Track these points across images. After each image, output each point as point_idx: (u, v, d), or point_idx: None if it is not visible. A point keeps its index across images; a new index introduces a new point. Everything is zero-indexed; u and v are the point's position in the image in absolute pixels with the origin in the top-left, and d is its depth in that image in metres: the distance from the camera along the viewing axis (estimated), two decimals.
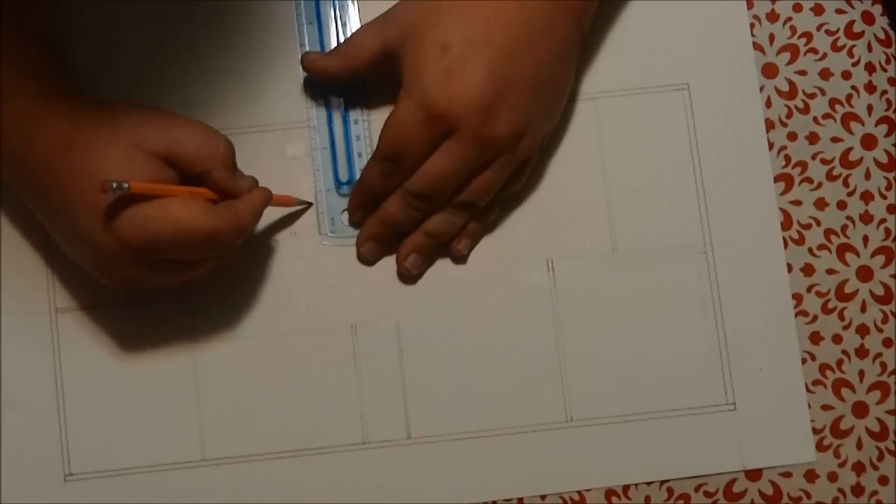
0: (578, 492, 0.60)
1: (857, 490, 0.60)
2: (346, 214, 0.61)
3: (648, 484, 0.60)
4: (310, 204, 0.60)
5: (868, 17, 0.63)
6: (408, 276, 0.60)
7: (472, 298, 0.61)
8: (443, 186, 0.56)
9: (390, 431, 0.60)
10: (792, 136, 0.62)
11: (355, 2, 0.62)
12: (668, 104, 0.62)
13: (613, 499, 0.60)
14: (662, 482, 0.60)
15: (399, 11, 0.57)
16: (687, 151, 0.61)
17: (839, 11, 0.63)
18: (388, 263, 0.61)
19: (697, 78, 0.62)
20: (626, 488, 0.60)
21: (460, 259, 0.60)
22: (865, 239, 0.62)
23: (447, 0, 0.55)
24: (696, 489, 0.60)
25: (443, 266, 0.61)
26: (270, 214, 0.60)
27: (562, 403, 0.60)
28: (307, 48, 0.61)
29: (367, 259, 0.60)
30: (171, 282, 0.55)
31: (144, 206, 0.52)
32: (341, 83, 0.61)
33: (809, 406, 0.60)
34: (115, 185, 0.50)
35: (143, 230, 0.52)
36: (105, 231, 0.52)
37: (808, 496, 0.60)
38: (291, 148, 0.61)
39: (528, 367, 0.60)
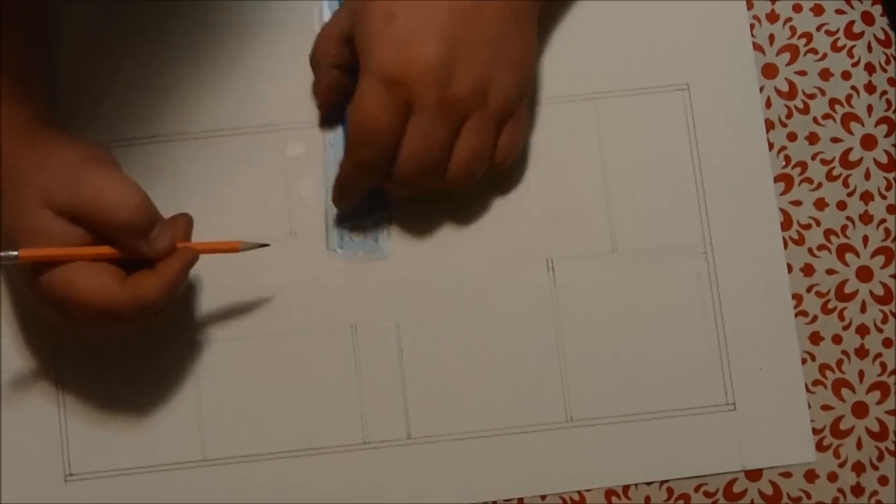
0: (578, 492, 0.60)
1: (857, 490, 0.60)
2: (355, 230, 0.61)
3: (648, 484, 0.60)
4: (266, 245, 0.58)
5: (868, 18, 0.63)
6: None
7: (472, 298, 0.60)
8: (424, 165, 0.55)
9: (390, 431, 0.60)
10: (792, 137, 0.62)
11: None
12: (668, 104, 0.62)
13: (613, 499, 0.60)
14: (662, 482, 0.60)
15: (347, 1, 0.57)
16: (687, 151, 0.61)
17: (839, 12, 0.63)
18: (389, 264, 0.61)
19: (697, 78, 0.62)
20: (626, 488, 0.60)
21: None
22: (865, 239, 0.62)
23: None
24: (696, 489, 0.60)
25: (443, 266, 0.61)
26: (272, 206, 0.60)
27: (562, 403, 0.60)
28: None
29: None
30: (106, 333, 0.56)
31: (51, 273, 0.52)
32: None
33: (809, 406, 0.60)
34: (3, 255, 0.50)
35: (49, 294, 0.52)
36: (25, 284, 0.53)
37: (808, 496, 0.60)
38: (292, 148, 0.61)
39: (528, 368, 0.60)
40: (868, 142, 0.62)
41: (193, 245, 0.56)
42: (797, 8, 0.63)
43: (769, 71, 0.62)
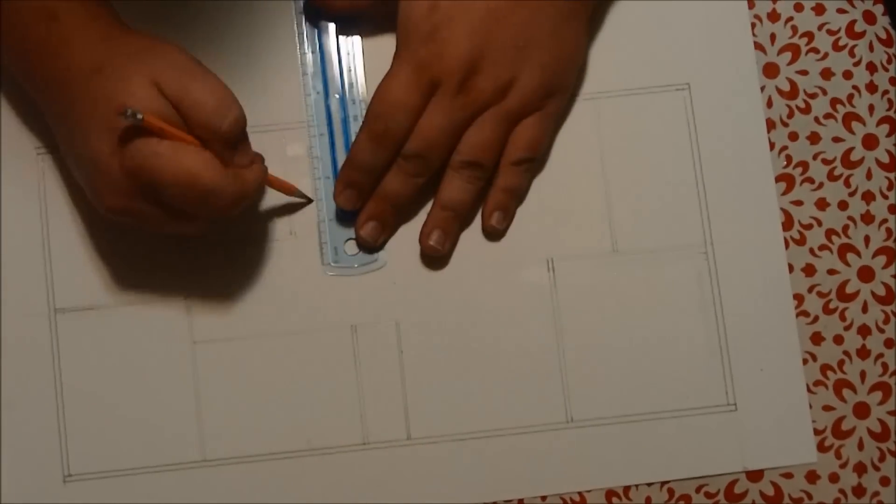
0: (579, 492, 0.60)
1: (859, 491, 0.60)
2: (350, 244, 0.60)
3: (649, 485, 0.60)
4: (310, 200, 0.60)
5: (869, 17, 0.63)
6: (436, 258, 0.60)
7: (472, 298, 0.60)
8: (434, 142, 0.57)
9: (390, 432, 0.60)
10: (793, 136, 0.62)
11: None
12: (669, 104, 0.62)
13: (614, 499, 0.60)
14: (663, 483, 0.60)
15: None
16: (687, 151, 0.61)
17: (840, 11, 0.63)
18: (389, 264, 0.61)
19: (698, 78, 0.62)
20: (626, 489, 0.60)
21: (495, 235, 0.60)
22: (867, 239, 0.61)
23: None
24: (697, 490, 0.60)
25: (442, 266, 0.61)
26: (272, 206, 0.60)
27: (562, 404, 0.60)
28: (307, 46, 0.61)
29: (370, 241, 0.60)
30: (163, 229, 0.55)
31: (157, 143, 0.52)
32: (340, 17, 0.61)
33: (810, 407, 0.60)
34: (129, 112, 0.50)
35: (148, 163, 0.51)
36: (113, 155, 0.52)
37: (810, 497, 0.60)
38: (292, 148, 0.61)
39: (529, 368, 0.60)
40: (869, 141, 0.62)
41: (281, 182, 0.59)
42: (798, 7, 0.63)
43: (770, 70, 0.62)
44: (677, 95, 0.62)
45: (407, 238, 0.61)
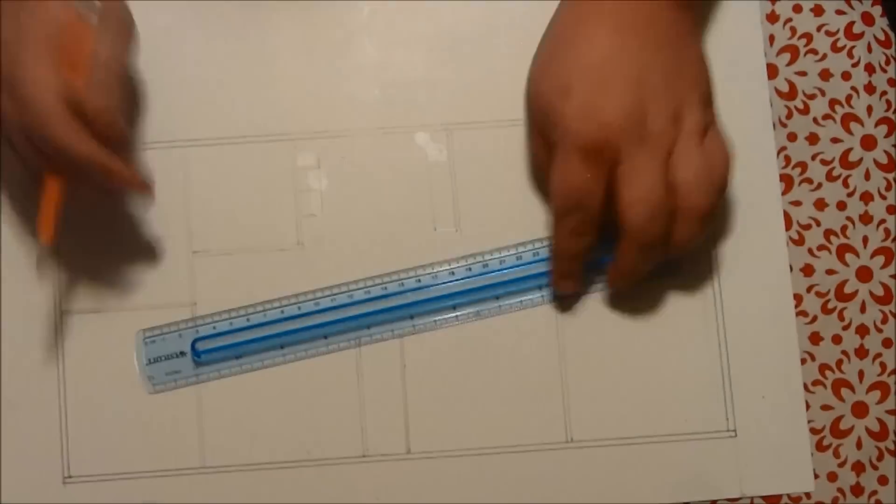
0: None
1: (857, 490, 0.60)
2: None
3: None
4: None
5: (868, 18, 0.63)
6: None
7: (476, 316, 0.60)
8: (654, 202, 0.55)
9: (390, 445, 0.59)
10: (792, 137, 0.62)
11: None
12: None
13: None
14: None
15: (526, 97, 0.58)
16: None
17: (839, 12, 0.63)
18: None
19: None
20: None
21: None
22: (865, 239, 0.62)
23: (547, 47, 0.57)
24: None
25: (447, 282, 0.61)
26: (276, 212, 0.60)
27: (562, 424, 0.60)
28: None
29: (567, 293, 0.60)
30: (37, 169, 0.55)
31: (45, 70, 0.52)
32: None
33: (809, 406, 0.60)
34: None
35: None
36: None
37: (808, 496, 0.60)
38: (302, 158, 0.61)
39: (530, 387, 0.60)
40: (868, 142, 0.62)
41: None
42: (797, 8, 0.63)
43: (769, 71, 0.62)
44: None
45: None
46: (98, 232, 0.60)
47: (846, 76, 0.62)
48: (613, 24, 0.55)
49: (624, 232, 0.56)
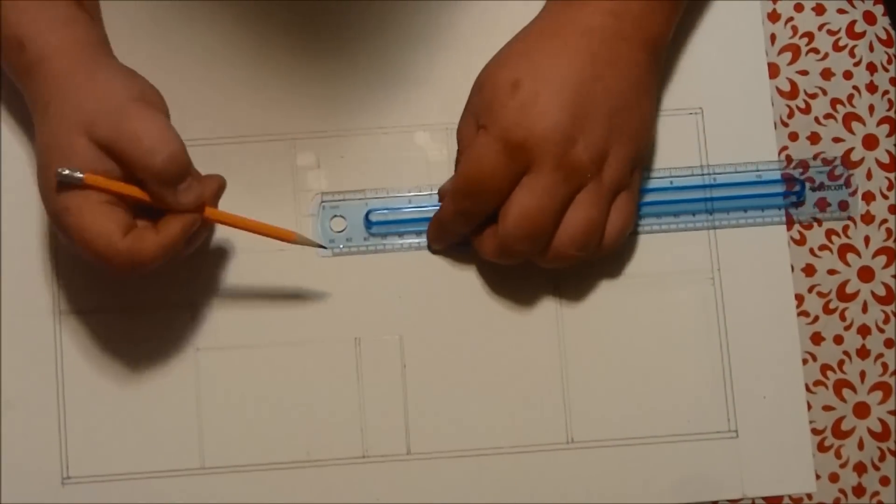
0: None
1: (859, 490, 0.60)
2: (336, 220, 0.60)
3: None
4: (322, 246, 0.59)
5: (870, 17, 0.63)
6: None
7: (477, 316, 0.60)
8: (536, 224, 0.55)
9: (390, 446, 0.59)
10: (793, 137, 0.62)
11: None
12: (681, 128, 0.61)
13: None
14: None
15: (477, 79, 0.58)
16: (699, 178, 0.61)
17: (841, 11, 0.63)
18: (392, 277, 0.60)
19: (711, 103, 0.61)
20: None
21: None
22: (867, 239, 0.62)
23: (515, 44, 0.56)
24: None
25: (447, 281, 0.60)
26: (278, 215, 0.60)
27: (563, 424, 0.60)
28: None
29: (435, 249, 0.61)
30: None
31: (72, 197, 0.52)
32: None
33: (810, 407, 0.60)
34: (66, 172, 0.51)
35: (58, 219, 0.52)
36: (43, 192, 0.53)
37: (810, 497, 0.60)
38: (302, 158, 0.61)
39: (531, 387, 0.60)
40: (870, 142, 0.62)
41: (251, 223, 0.55)
42: (799, 7, 0.63)
43: (771, 71, 0.62)
44: (689, 119, 0.61)
45: (413, 255, 0.61)
46: None
47: (848, 75, 0.62)
48: (585, 45, 0.55)
49: (498, 229, 0.56)
